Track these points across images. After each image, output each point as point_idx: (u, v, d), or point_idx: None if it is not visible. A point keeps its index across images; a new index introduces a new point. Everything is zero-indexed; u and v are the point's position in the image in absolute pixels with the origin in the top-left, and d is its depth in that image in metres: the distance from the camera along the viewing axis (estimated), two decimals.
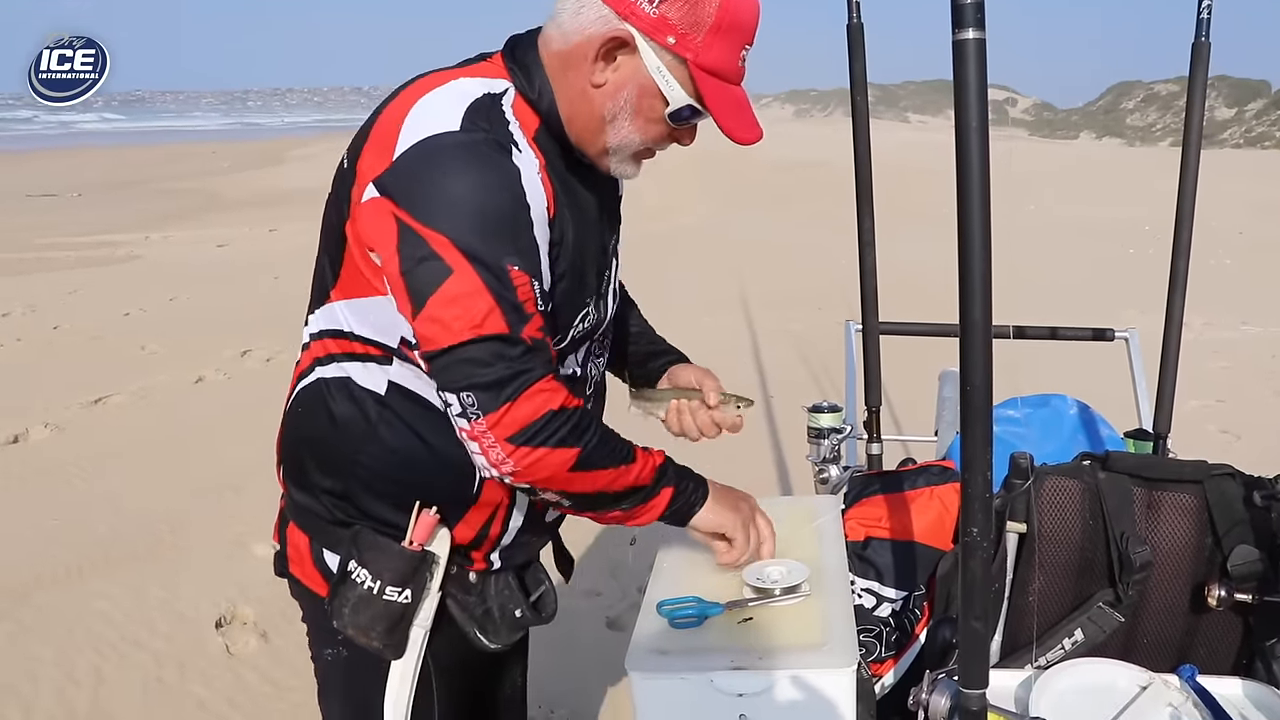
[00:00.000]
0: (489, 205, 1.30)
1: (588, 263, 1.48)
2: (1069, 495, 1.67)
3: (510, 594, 1.61)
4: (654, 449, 1.51)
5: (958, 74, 1.15)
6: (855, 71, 2.35)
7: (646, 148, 1.46)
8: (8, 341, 7.70)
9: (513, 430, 1.30)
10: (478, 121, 1.34)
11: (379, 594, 1.46)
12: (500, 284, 1.28)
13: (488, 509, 1.53)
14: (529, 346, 1.30)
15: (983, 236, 1.18)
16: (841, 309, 8.23)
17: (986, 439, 1.21)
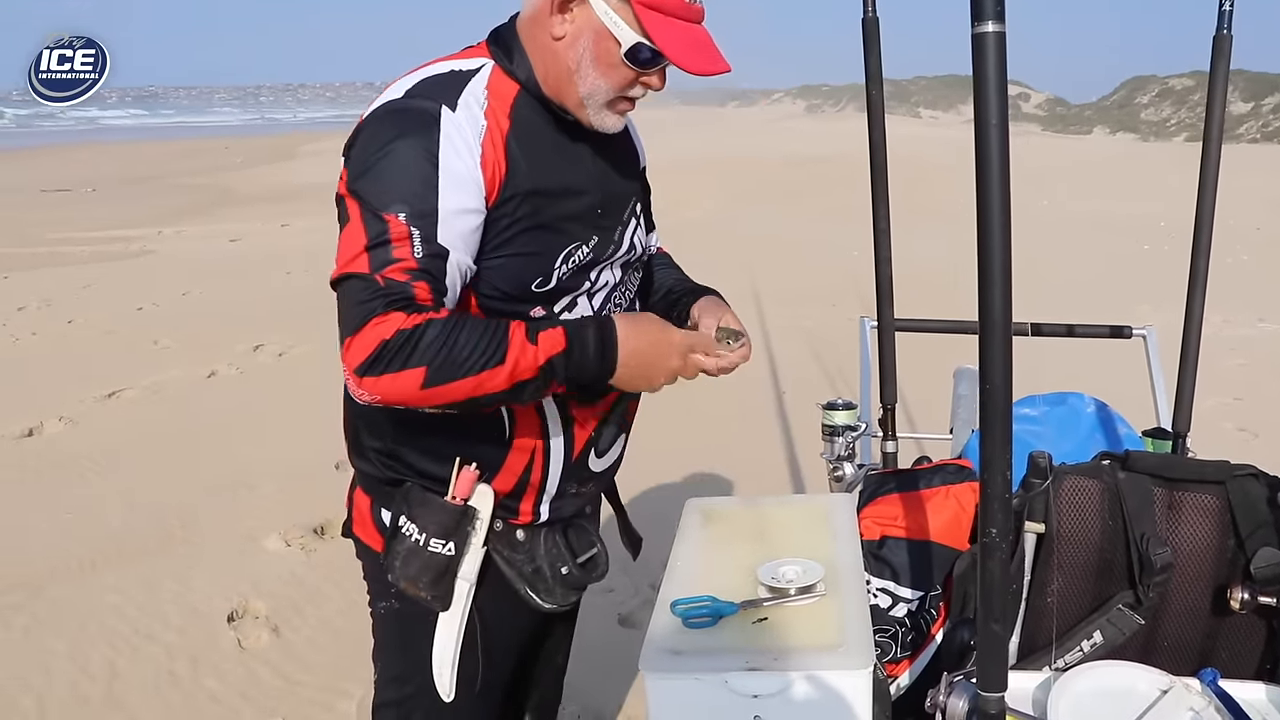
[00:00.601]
0: (392, 162, 1.41)
1: (567, 214, 1.55)
2: (1088, 495, 1.65)
3: (558, 552, 1.68)
4: (554, 330, 1.45)
5: (977, 68, 1.14)
6: (870, 65, 2.33)
7: (620, 95, 1.53)
8: (23, 335, 7.73)
9: (355, 363, 1.36)
10: (420, 92, 1.48)
11: (424, 545, 1.57)
12: (376, 230, 1.39)
13: (524, 454, 1.61)
14: (379, 287, 1.37)
15: (1003, 234, 1.16)
16: (854, 305, 8.21)
17: (1006, 438, 1.20)
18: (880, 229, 2.37)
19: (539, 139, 1.54)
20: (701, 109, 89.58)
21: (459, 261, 1.44)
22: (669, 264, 1.97)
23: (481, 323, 1.41)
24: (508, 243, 1.50)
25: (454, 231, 1.42)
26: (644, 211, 1.81)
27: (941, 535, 1.81)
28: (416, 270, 1.39)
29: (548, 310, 1.57)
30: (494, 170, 1.46)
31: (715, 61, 1.49)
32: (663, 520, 4.31)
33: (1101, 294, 8.12)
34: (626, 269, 1.72)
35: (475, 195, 1.45)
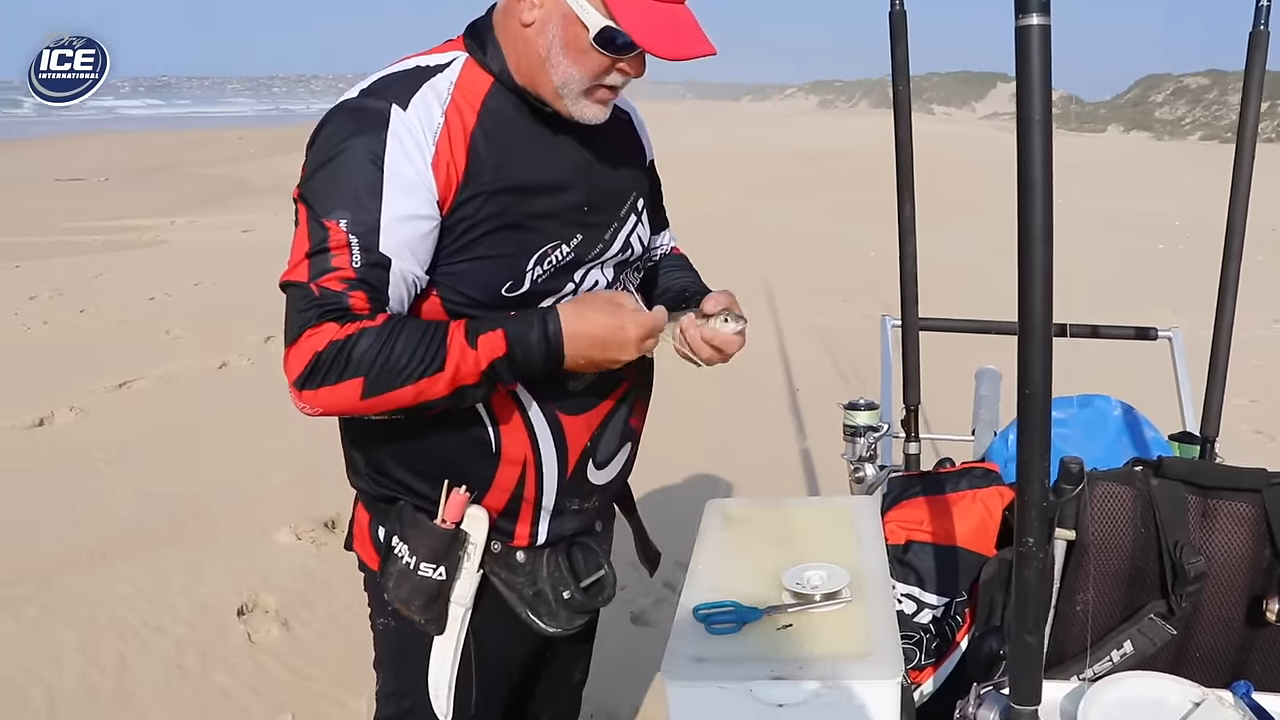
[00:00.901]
0: (337, 166, 1.36)
1: (543, 211, 1.48)
2: (1120, 502, 1.61)
3: (560, 575, 1.62)
4: (494, 333, 1.38)
5: (1021, 63, 1.11)
6: (897, 58, 2.29)
7: (597, 84, 1.45)
8: (35, 325, 7.73)
9: (292, 376, 1.34)
10: (373, 90, 1.42)
11: (414, 569, 1.52)
12: (318, 237, 1.35)
13: (514, 468, 1.54)
14: (314, 296, 1.33)
15: (1044, 235, 1.13)
16: (868, 301, 8.18)
17: (1045, 445, 1.16)
18: (905, 228, 2.33)
19: (512, 133, 1.47)
20: (715, 103, 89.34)
21: (404, 271, 1.38)
22: (683, 266, 1.87)
23: (419, 327, 1.35)
24: (472, 245, 1.44)
25: (398, 239, 1.36)
26: (649, 209, 1.72)
27: (968, 540, 1.77)
28: (354, 280, 1.34)
29: None
30: (449, 171, 1.39)
31: (690, 44, 1.40)
32: (675, 518, 4.28)
33: (1117, 294, 8.05)
34: (622, 270, 1.65)
35: (425, 200, 1.38)
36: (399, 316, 1.38)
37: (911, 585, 1.78)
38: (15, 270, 9.87)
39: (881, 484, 2.31)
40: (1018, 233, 1.12)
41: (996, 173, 19.15)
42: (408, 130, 1.37)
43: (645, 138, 1.74)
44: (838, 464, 2.48)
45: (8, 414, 5.64)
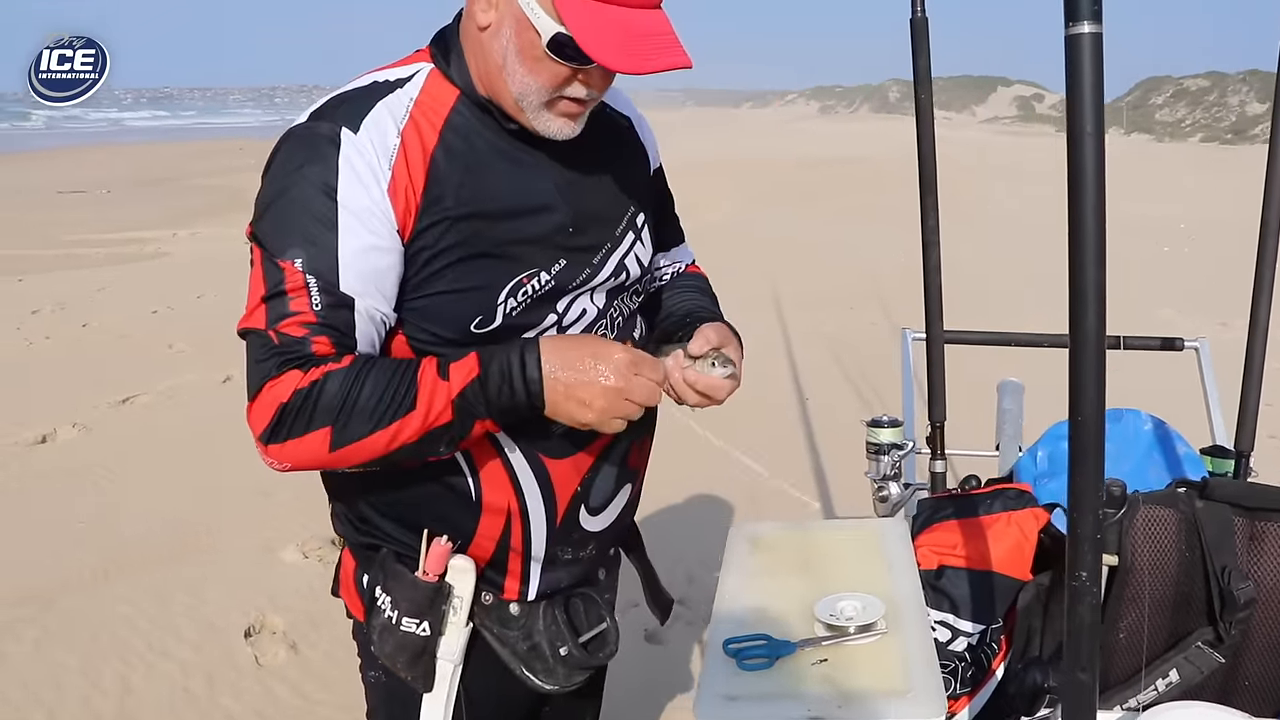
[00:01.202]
0: (288, 200, 1.27)
1: (517, 237, 1.35)
2: (1164, 525, 1.54)
3: (557, 630, 1.49)
4: (465, 359, 1.26)
5: (1071, 73, 1.04)
6: (919, 66, 2.23)
7: (558, 95, 1.30)
8: (37, 340, 7.68)
9: (257, 431, 1.25)
10: (323, 113, 1.31)
11: (397, 624, 1.41)
12: (273, 278, 1.25)
13: (497, 517, 1.42)
14: (274, 345, 1.24)
15: (1097, 251, 1.06)
16: (874, 309, 8.14)
17: (1098, 474, 1.10)
18: (929, 239, 2.27)
19: (481, 151, 1.34)
20: (715, 109, 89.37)
21: (369, 309, 1.27)
22: (694, 287, 1.68)
23: (389, 366, 1.25)
24: (435, 278, 1.31)
25: (359, 275, 1.25)
26: (650, 225, 1.55)
27: (1003, 565, 1.70)
28: (315, 324, 1.24)
29: None
30: (408, 197, 1.28)
31: (652, 56, 1.23)
32: (685, 534, 4.21)
33: (1123, 297, 7.96)
34: (616, 297, 1.49)
35: (384, 230, 1.26)
36: (367, 356, 1.27)
37: (945, 612, 1.71)
38: (18, 284, 9.83)
39: (906, 503, 2.25)
40: (1069, 252, 1.06)
41: (994, 178, 19.04)
42: (359, 155, 1.26)
43: (650, 144, 1.60)
44: (853, 476, 2.42)
45: (10, 431, 5.59)
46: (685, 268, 1.75)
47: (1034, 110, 73.01)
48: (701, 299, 1.66)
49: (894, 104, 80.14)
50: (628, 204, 1.49)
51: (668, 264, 1.71)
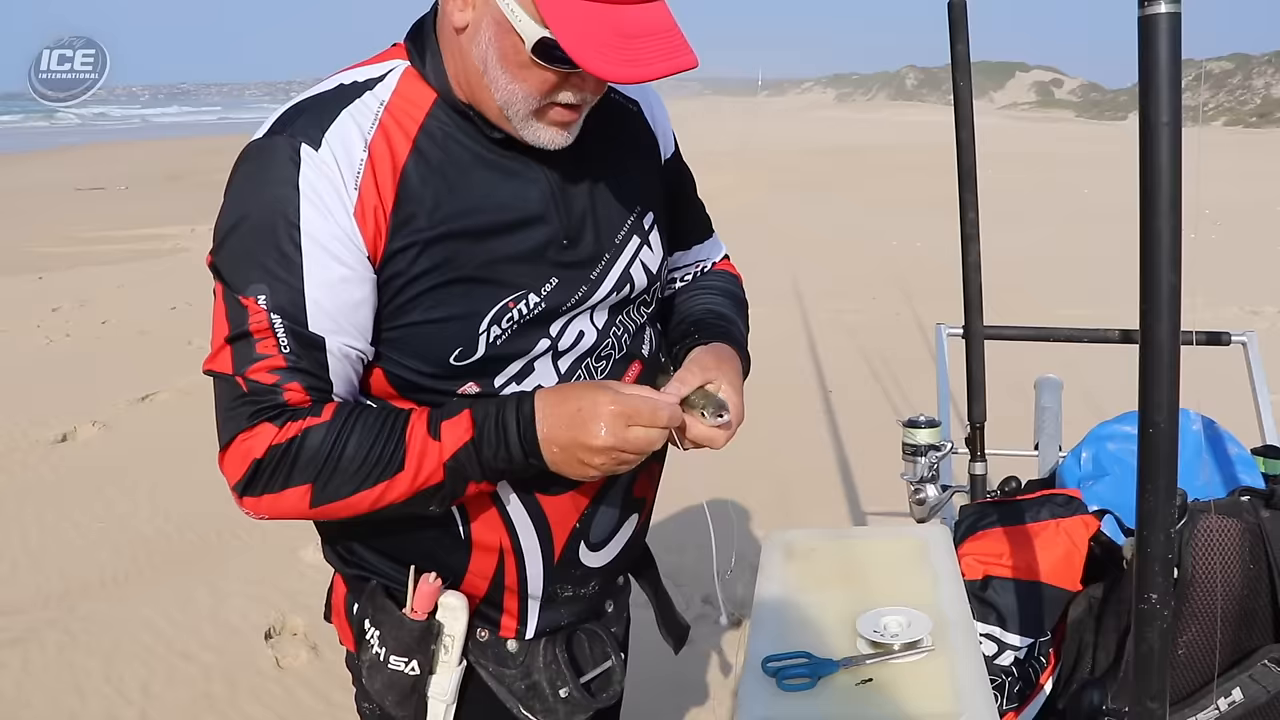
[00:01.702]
0: (247, 229, 1.14)
1: (502, 255, 1.21)
2: (1227, 536, 1.47)
3: (557, 669, 1.38)
4: (459, 418, 1.16)
5: (1144, 57, 0.97)
6: (958, 52, 2.15)
7: (548, 102, 1.16)
8: (57, 337, 7.67)
9: (231, 481, 1.16)
10: (283, 124, 1.17)
11: (384, 661, 1.31)
12: (236, 317, 1.14)
13: (490, 553, 1.32)
14: (243, 394, 1.13)
15: (1172, 251, 0.99)
16: (896, 298, 8.05)
17: (1170, 490, 1.03)
18: (968, 233, 2.18)
19: (460, 161, 1.20)
20: (732, 98, 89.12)
21: (342, 348, 1.16)
22: (714, 289, 1.52)
23: (375, 422, 1.14)
24: (409, 306, 1.18)
25: (329, 312, 1.14)
26: (662, 224, 1.39)
27: (1052, 575, 1.63)
28: (285, 369, 1.13)
29: (485, 386, 1.24)
30: (377, 218, 1.14)
31: (650, 59, 1.07)
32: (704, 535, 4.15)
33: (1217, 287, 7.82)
34: (620, 311, 1.35)
35: (353, 258, 1.14)
36: (350, 408, 1.16)
37: (992, 625, 1.64)
38: (38, 281, 9.85)
39: (943, 505, 2.18)
40: (1140, 252, 0.99)
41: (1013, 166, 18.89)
42: (321, 175, 1.12)
43: (661, 130, 1.42)
44: (880, 470, 2.35)
45: (31, 429, 5.58)
46: (713, 265, 1.58)
47: (1053, 95, 72.47)
48: (714, 301, 1.49)
49: (911, 91, 79.67)
50: (633, 205, 1.34)
51: (690, 263, 1.56)
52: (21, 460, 5.19)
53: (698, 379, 1.24)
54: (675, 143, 1.47)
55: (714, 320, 1.44)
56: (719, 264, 1.60)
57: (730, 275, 1.59)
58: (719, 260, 1.60)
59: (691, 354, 1.32)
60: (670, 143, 1.45)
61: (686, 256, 1.55)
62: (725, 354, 1.33)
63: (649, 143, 1.40)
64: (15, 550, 4.17)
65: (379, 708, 1.37)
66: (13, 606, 3.71)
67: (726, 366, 1.30)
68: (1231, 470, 2.02)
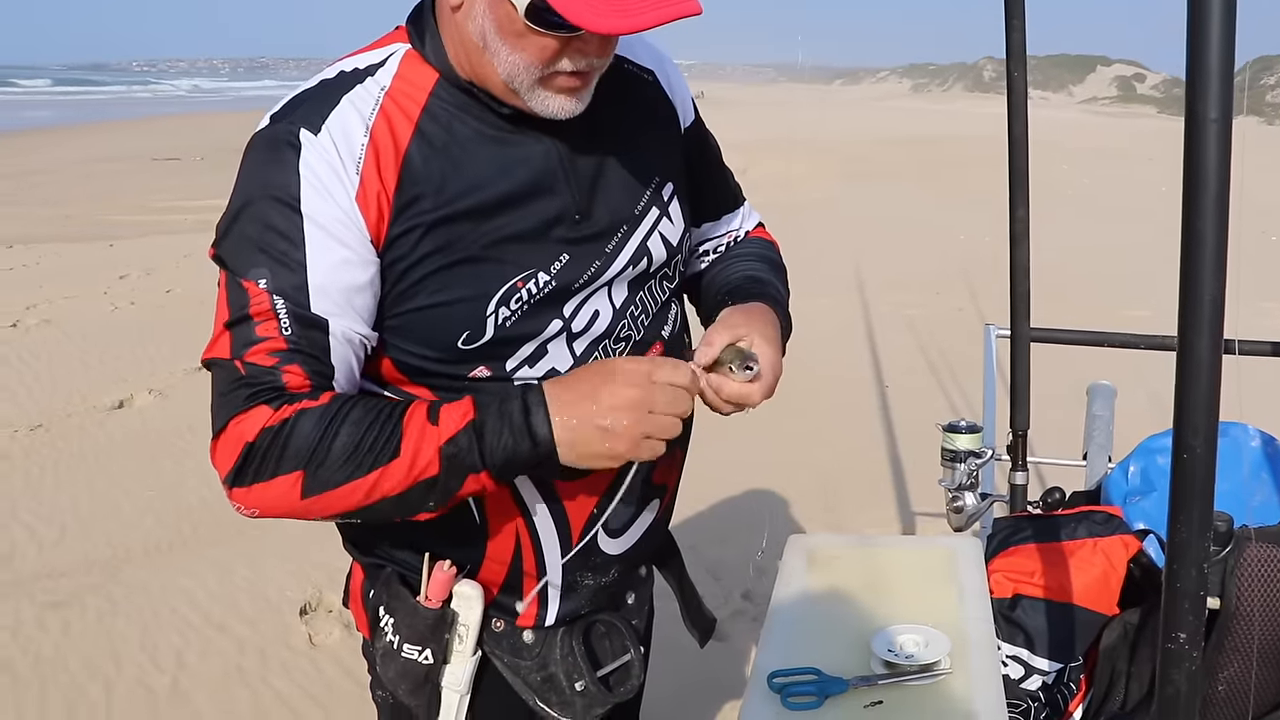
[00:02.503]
0: (249, 214, 1.13)
1: (511, 233, 1.19)
2: (1277, 567, 1.37)
3: (574, 661, 1.35)
4: (459, 403, 1.11)
5: (1193, 47, 0.88)
6: (1013, 42, 2.04)
7: (552, 70, 1.13)
8: (121, 304, 7.81)
9: (222, 472, 1.11)
10: (285, 112, 1.16)
11: (398, 649, 1.29)
12: (237, 301, 1.11)
13: (506, 540, 1.29)
14: (240, 376, 1.10)
15: (1216, 261, 0.91)
16: (960, 294, 7.87)
17: (1205, 522, 0.95)
18: (1018, 231, 2.08)
19: (465, 140, 1.18)
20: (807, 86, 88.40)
21: (345, 331, 1.13)
22: (752, 255, 1.47)
23: (372, 407, 1.10)
24: (413, 291, 1.16)
25: (332, 294, 1.12)
26: (682, 195, 1.36)
27: (1086, 598, 1.54)
28: (286, 351, 1.10)
29: (496, 369, 1.21)
30: (380, 203, 1.13)
31: (644, 7, 1.03)
32: (751, 524, 4.06)
33: (1239, 292, 7.57)
34: (639, 287, 1.31)
35: (357, 242, 1.12)
36: (347, 396, 1.13)
37: (1019, 647, 1.55)
38: (109, 249, 10.05)
39: (982, 515, 2.09)
40: (1181, 260, 0.90)
41: (1090, 161, 18.42)
42: (322, 160, 1.11)
43: (679, 97, 1.38)
44: (933, 473, 2.25)
45: (91, 395, 5.69)
46: (747, 234, 1.54)
47: (1134, 90, 70.80)
48: (749, 267, 1.44)
49: (989, 83, 78.34)
50: (650, 176, 1.30)
51: (721, 233, 1.51)
52: (79, 425, 5.28)
53: (725, 338, 1.20)
54: (696, 111, 1.43)
55: (748, 285, 1.39)
56: (753, 232, 1.55)
57: (765, 241, 1.54)
58: (753, 229, 1.56)
59: (720, 315, 1.27)
60: (690, 111, 1.40)
61: (717, 227, 1.51)
62: (756, 310, 1.29)
63: (666, 112, 1.36)
64: (65, 515, 4.25)
65: (392, 696, 1.36)
66: (58, 570, 3.78)
67: (757, 321, 1.25)
68: None
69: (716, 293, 1.41)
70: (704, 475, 1.53)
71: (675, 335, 1.38)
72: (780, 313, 1.34)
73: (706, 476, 1.44)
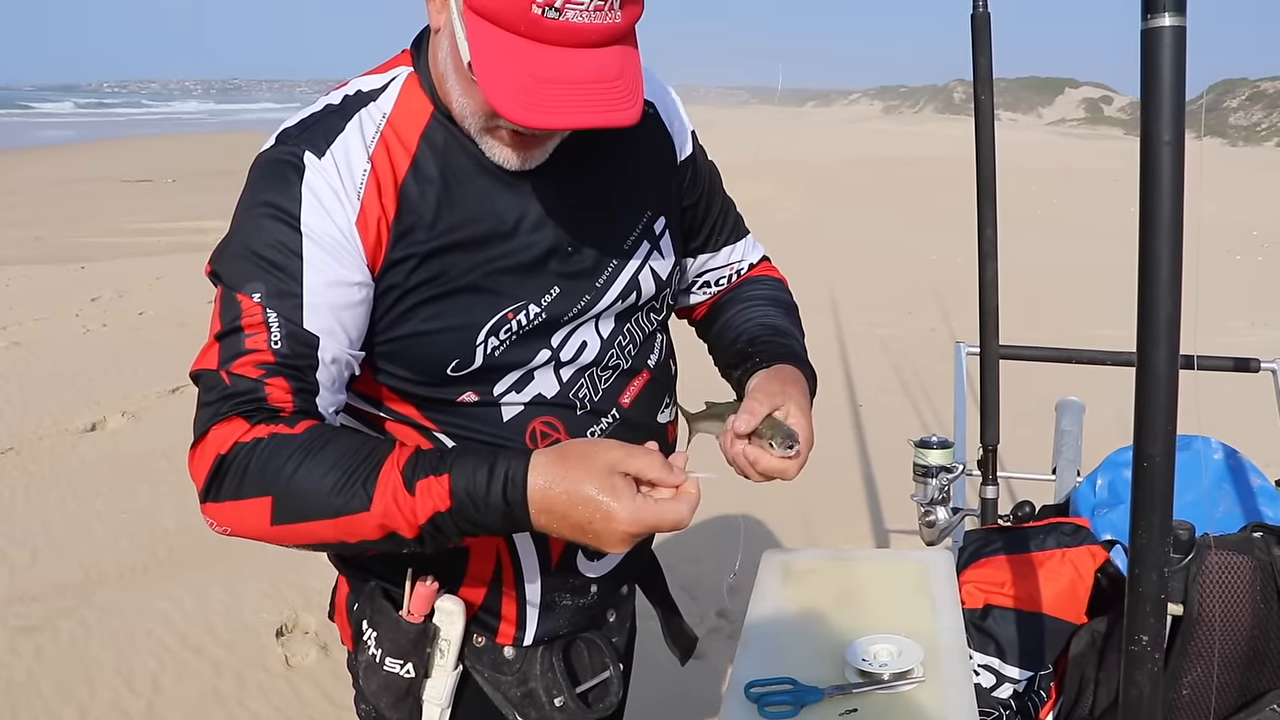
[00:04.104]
0: (249, 231, 1.13)
1: (502, 266, 1.19)
2: (1237, 574, 1.41)
3: (553, 678, 1.37)
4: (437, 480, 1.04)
5: (1147, 71, 0.93)
6: (980, 65, 2.09)
7: (494, 124, 1.13)
8: (94, 326, 7.76)
9: (198, 483, 1.09)
10: (290, 135, 1.18)
11: (380, 663, 1.30)
12: (230, 313, 1.12)
13: (487, 559, 1.31)
14: (224, 386, 1.09)
15: (1172, 277, 0.95)
16: (932, 314, 7.95)
17: (1165, 527, 0.98)
18: (986, 250, 2.13)
19: (459, 170, 1.18)
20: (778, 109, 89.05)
21: (334, 350, 1.13)
22: (767, 299, 1.46)
23: (349, 449, 1.06)
24: (405, 318, 1.17)
25: (325, 312, 1.12)
26: (674, 228, 1.35)
27: (1054, 607, 1.58)
28: (272, 364, 1.09)
29: (483, 394, 1.22)
30: (379, 229, 1.14)
31: (556, 110, 1.01)
32: (729, 542, 4.08)
33: (1190, 307, 7.69)
34: (626, 320, 1.32)
35: (354, 262, 1.13)
36: (326, 429, 1.10)
37: (990, 656, 1.59)
38: (80, 271, 9.98)
39: (954, 529, 2.13)
40: (1139, 277, 0.94)
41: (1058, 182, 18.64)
42: (325, 183, 1.12)
43: (677, 131, 1.37)
44: (907, 490, 2.29)
45: (62, 417, 5.65)
46: (750, 269, 1.53)
47: (1102, 112, 71.75)
48: (767, 314, 1.43)
49: (959, 105, 79.14)
50: (642, 209, 1.31)
51: (722, 264, 1.49)
52: (50, 448, 5.24)
53: (765, 408, 1.19)
54: (696, 142, 1.42)
55: (771, 336, 1.38)
56: (759, 267, 1.55)
57: (775, 280, 1.53)
58: (758, 263, 1.55)
59: (754, 380, 1.27)
60: (688, 142, 1.40)
61: (717, 259, 1.50)
62: (789, 376, 1.28)
63: (663, 144, 1.36)
64: (37, 539, 4.21)
65: (375, 709, 1.37)
66: (30, 594, 3.75)
67: (793, 390, 1.24)
68: (1253, 502, 1.95)
69: (735, 340, 1.41)
70: None
71: (661, 363, 1.39)
72: (808, 374, 1.34)
73: None
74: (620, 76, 1.05)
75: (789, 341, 1.38)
